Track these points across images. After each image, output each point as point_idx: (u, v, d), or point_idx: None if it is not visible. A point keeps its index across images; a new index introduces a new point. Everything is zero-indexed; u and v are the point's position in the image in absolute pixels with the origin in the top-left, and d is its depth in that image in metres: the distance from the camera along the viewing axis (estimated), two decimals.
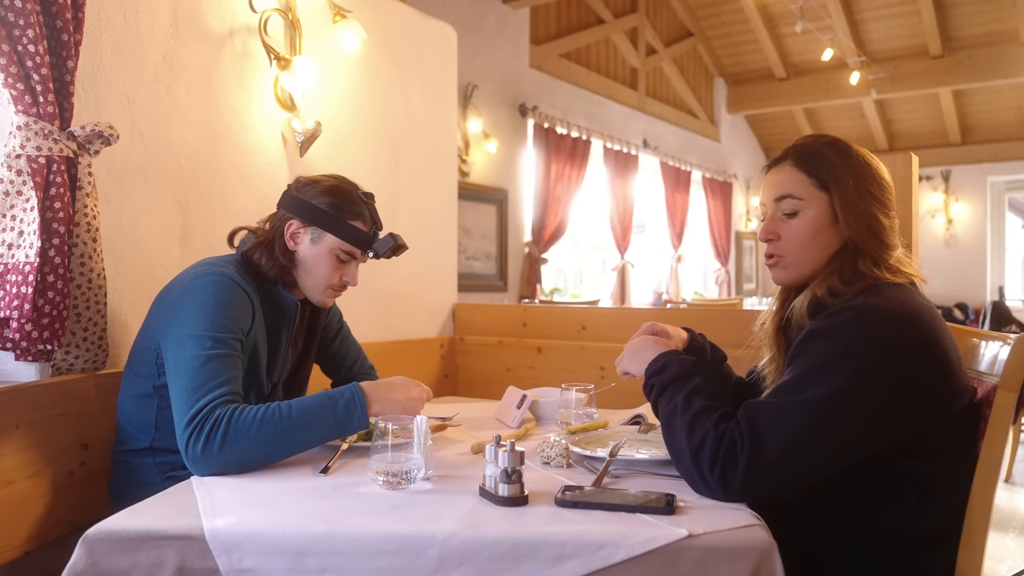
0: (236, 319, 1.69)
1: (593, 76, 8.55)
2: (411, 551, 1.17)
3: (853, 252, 1.45)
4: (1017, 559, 3.46)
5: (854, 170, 1.46)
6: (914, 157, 2.58)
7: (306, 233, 1.85)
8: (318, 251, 1.85)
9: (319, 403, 1.60)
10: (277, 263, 1.84)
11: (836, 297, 1.43)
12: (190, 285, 1.72)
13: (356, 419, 1.62)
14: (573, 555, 1.15)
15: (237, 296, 1.72)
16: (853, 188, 1.45)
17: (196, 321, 1.64)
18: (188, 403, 1.55)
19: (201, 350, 1.60)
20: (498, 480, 1.32)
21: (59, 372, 1.93)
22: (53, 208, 1.82)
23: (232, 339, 1.66)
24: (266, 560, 1.19)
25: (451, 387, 3.53)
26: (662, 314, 3.83)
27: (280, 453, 1.58)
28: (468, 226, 6.76)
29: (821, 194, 1.47)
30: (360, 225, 1.86)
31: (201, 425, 1.51)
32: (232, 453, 1.51)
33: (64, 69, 1.85)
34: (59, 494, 1.85)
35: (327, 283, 1.88)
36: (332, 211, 1.83)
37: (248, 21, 2.55)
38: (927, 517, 1.35)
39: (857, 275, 1.43)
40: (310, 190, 1.86)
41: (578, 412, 1.94)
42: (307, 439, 1.59)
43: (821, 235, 1.47)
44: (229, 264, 1.80)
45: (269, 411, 1.55)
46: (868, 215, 1.44)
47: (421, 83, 3.34)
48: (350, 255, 1.88)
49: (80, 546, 1.21)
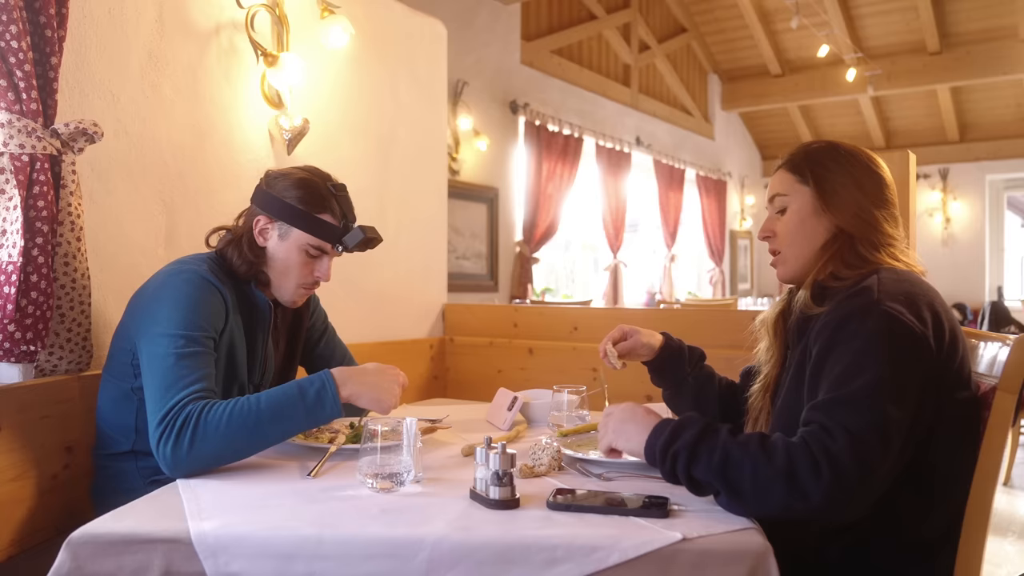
0: (209, 317, 1.67)
1: (585, 73, 8.54)
2: (401, 555, 1.17)
3: (847, 239, 1.49)
4: (1016, 563, 3.45)
5: (839, 163, 1.53)
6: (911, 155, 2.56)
7: (274, 228, 1.83)
8: (286, 247, 1.82)
9: (288, 393, 1.58)
10: (247, 260, 1.81)
11: (840, 280, 1.46)
12: (162, 284, 1.71)
13: (328, 407, 1.59)
14: (565, 559, 1.14)
15: (209, 294, 1.70)
16: (836, 178, 1.51)
17: (168, 320, 1.62)
18: (160, 403, 1.53)
19: (173, 348, 1.59)
20: (489, 483, 1.31)
21: (42, 373, 1.91)
22: (36, 207, 1.80)
23: (205, 337, 1.64)
24: (253, 564, 1.18)
25: (441, 389, 3.51)
26: (655, 315, 3.81)
27: (253, 447, 1.56)
28: (458, 225, 6.73)
29: (804, 188, 1.54)
30: (328, 218, 1.83)
31: (171, 424, 1.50)
32: (202, 450, 1.49)
33: (48, 65, 1.83)
34: (43, 497, 1.83)
35: (298, 280, 1.85)
36: (299, 205, 1.80)
37: (235, 17, 2.52)
38: (926, 522, 1.35)
39: (860, 259, 1.47)
40: (278, 183, 1.84)
41: (570, 414, 1.93)
42: (279, 431, 1.57)
43: (806, 224, 1.53)
44: (203, 262, 1.78)
45: (238, 405, 1.53)
46: (853, 203, 1.49)
47: (410, 80, 3.32)
48: (319, 250, 1.84)
49: (64, 550, 1.20)
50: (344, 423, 1.85)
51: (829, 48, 8.83)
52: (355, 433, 1.74)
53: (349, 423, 1.83)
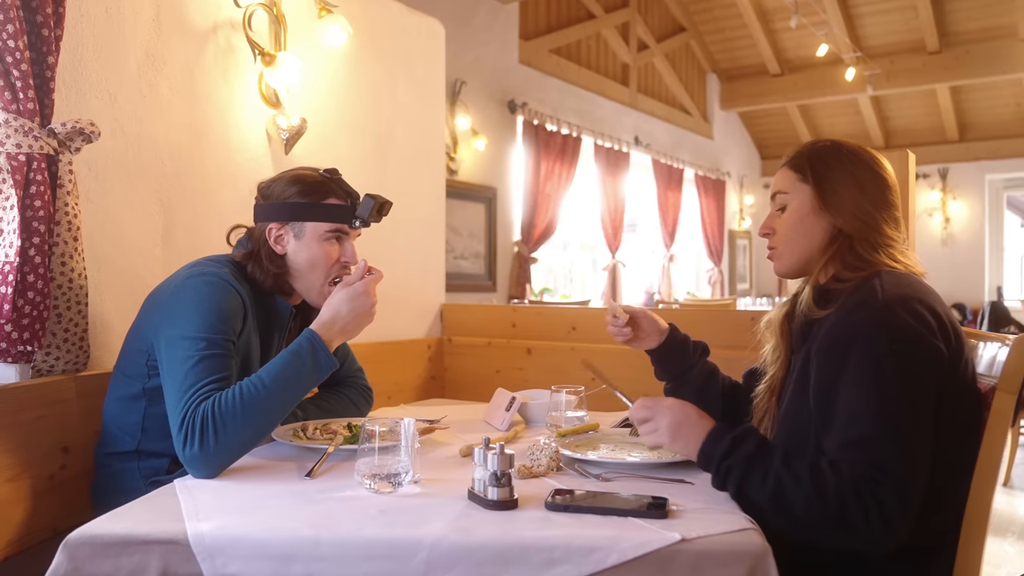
0: (229, 320, 1.67)
1: (584, 72, 8.53)
2: (399, 556, 1.16)
3: (846, 240, 1.49)
4: (1016, 564, 3.44)
5: (841, 163, 1.53)
6: (911, 155, 2.56)
7: (288, 232, 1.83)
8: (306, 243, 1.82)
9: (285, 362, 1.61)
10: (270, 273, 1.81)
11: (841, 282, 1.46)
12: (182, 285, 1.70)
13: (323, 361, 1.64)
14: (564, 560, 1.14)
15: (230, 297, 1.70)
16: (837, 178, 1.51)
17: (189, 322, 1.62)
18: (179, 405, 1.54)
19: (194, 351, 1.59)
20: (487, 483, 1.31)
21: (39, 374, 1.90)
22: (33, 206, 1.80)
23: (225, 340, 1.65)
24: (251, 565, 1.18)
25: (439, 389, 3.50)
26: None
27: (270, 424, 1.59)
28: (456, 225, 6.72)
29: (804, 186, 1.55)
30: (335, 200, 1.83)
31: (192, 424, 1.50)
32: (229, 440, 1.50)
33: (44, 65, 1.83)
34: (39, 498, 1.82)
35: (327, 273, 1.84)
36: (302, 199, 1.81)
37: (232, 16, 2.52)
38: (927, 526, 1.33)
39: (860, 260, 1.47)
40: (274, 189, 1.84)
41: (568, 415, 1.92)
42: (288, 400, 1.61)
43: (804, 222, 1.54)
44: (223, 265, 1.78)
45: (245, 389, 1.55)
46: (853, 203, 1.49)
47: (408, 79, 3.31)
48: (338, 232, 1.84)
49: (61, 551, 1.20)
50: (342, 424, 1.85)
51: (828, 47, 8.81)
52: (353, 434, 1.74)
53: (347, 424, 1.83)
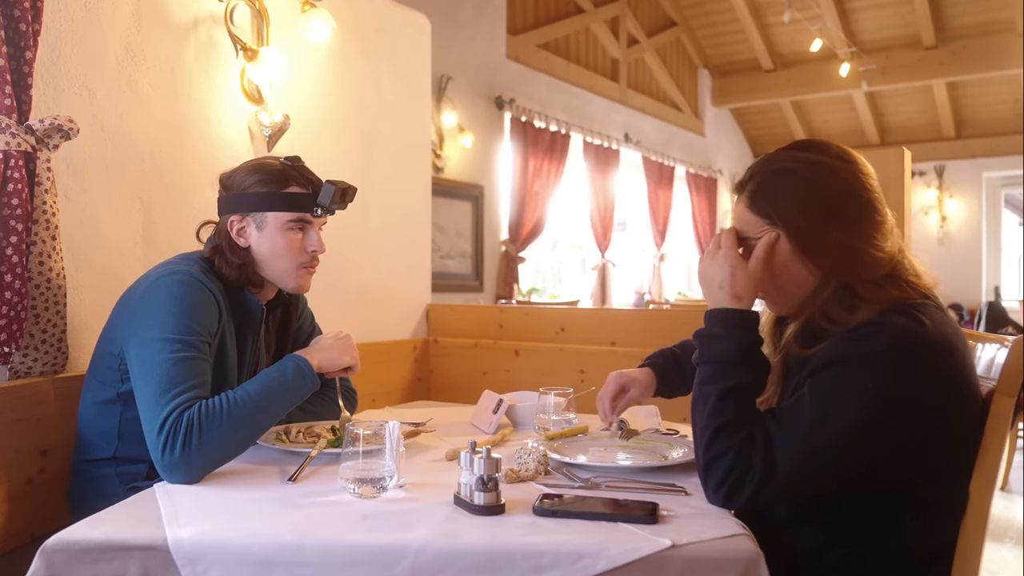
0: (203, 320, 1.65)
1: (572, 67, 8.50)
2: (383, 562, 1.15)
3: (840, 285, 1.35)
4: (1014, 570, 3.43)
5: (808, 200, 1.36)
6: (906, 152, 2.55)
7: (249, 223, 1.79)
8: (268, 234, 1.79)
9: (271, 378, 1.64)
10: (235, 265, 1.78)
11: (835, 324, 1.33)
12: (153, 286, 1.66)
13: (308, 380, 1.69)
14: (551, 566, 1.13)
15: (203, 296, 1.67)
16: (809, 224, 1.35)
17: (162, 324, 1.59)
18: (157, 409, 1.51)
19: (168, 353, 1.56)
20: (474, 488, 1.29)
21: (17, 375, 1.88)
22: (10, 204, 1.78)
23: (200, 341, 1.62)
24: (231, 571, 1.17)
25: (425, 391, 3.49)
26: (644, 315, 3.78)
27: (252, 437, 1.60)
28: (442, 223, 6.68)
29: (774, 229, 1.38)
30: (295, 189, 1.80)
31: (174, 430, 1.48)
32: (211, 449, 1.50)
33: (22, 60, 1.81)
34: (16, 503, 1.79)
35: (294, 262, 1.81)
36: (262, 188, 1.78)
37: (214, 10, 2.49)
38: (926, 537, 1.32)
39: (860, 301, 1.33)
40: (234, 180, 1.82)
41: (557, 417, 1.91)
42: (273, 414, 1.63)
43: (789, 269, 1.38)
44: (195, 263, 1.75)
45: (232, 399, 1.55)
46: (832, 246, 1.34)
47: (393, 75, 3.29)
48: (301, 222, 1.81)
49: (39, 557, 1.19)
50: (325, 427, 1.82)
51: (822, 42, 8.79)
52: (337, 437, 1.71)
53: (331, 427, 1.80)
